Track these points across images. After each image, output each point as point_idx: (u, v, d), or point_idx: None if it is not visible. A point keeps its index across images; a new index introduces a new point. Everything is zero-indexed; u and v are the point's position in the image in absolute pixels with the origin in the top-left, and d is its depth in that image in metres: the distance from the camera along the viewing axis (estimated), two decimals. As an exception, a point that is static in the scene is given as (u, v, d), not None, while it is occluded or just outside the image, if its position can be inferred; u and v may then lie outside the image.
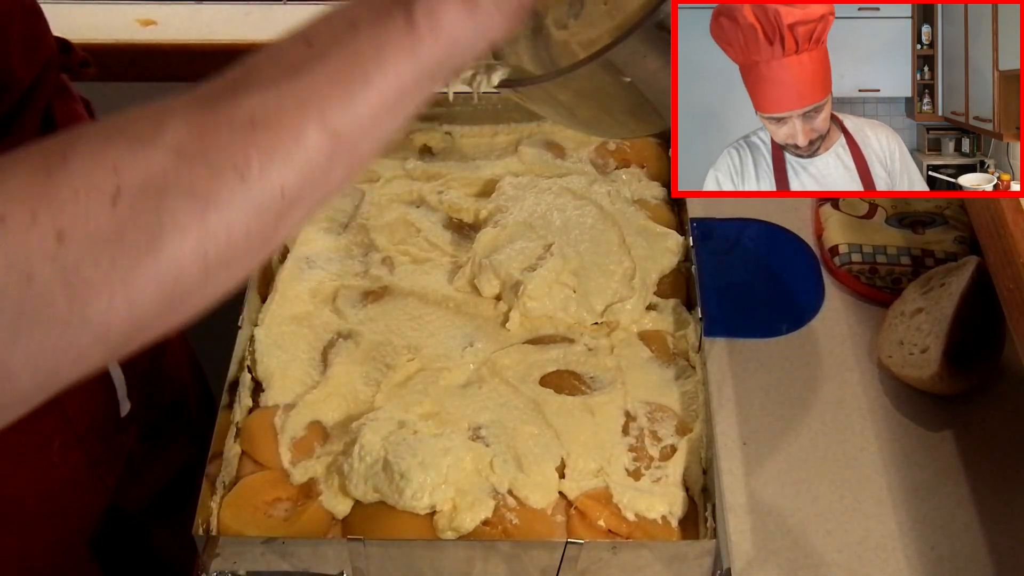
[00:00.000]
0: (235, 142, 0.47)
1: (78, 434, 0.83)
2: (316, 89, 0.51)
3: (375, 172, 1.00)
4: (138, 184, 0.44)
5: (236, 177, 0.47)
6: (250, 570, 0.71)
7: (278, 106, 0.49)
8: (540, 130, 1.05)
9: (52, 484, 0.83)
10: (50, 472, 0.82)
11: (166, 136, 0.46)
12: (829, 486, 0.87)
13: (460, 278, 0.89)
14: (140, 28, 1.28)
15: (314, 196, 0.52)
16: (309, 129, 0.50)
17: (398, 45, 0.52)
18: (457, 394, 0.81)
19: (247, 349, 0.84)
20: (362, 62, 0.52)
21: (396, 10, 0.53)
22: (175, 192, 0.45)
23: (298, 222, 0.52)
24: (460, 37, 0.54)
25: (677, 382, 0.83)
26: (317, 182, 0.51)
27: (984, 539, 0.83)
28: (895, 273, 1.00)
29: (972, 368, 0.90)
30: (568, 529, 0.75)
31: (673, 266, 0.92)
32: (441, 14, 0.53)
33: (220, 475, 0.76)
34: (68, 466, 0.84)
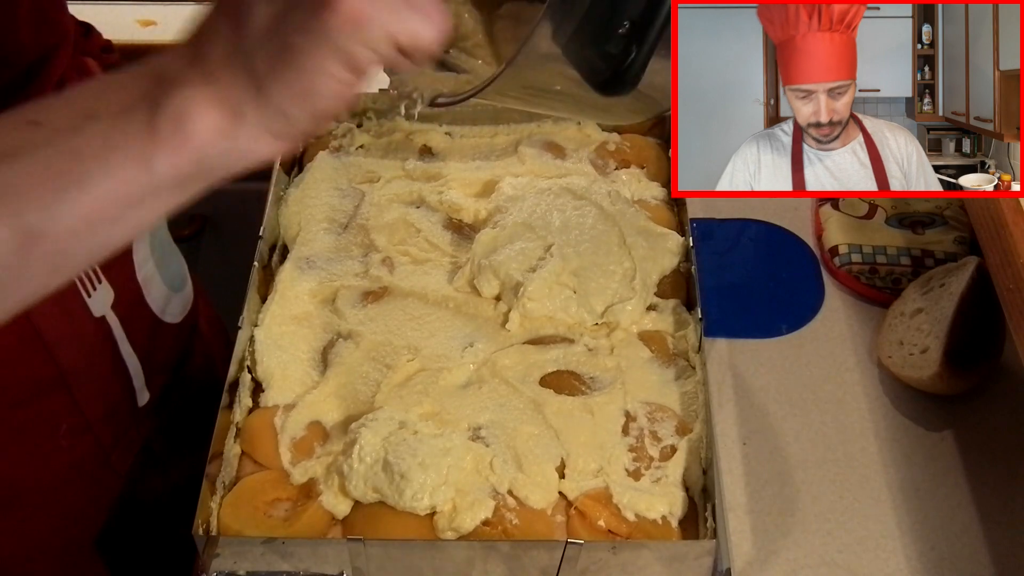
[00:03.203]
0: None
1: (87, 420, 0.83)
2: (22, 181, 0.45)
3: (375, 172, 1.00)
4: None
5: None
6: (250, 570, 0.71)
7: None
8: (540, 130, 1.05)
9: (59, 468, 0.83)
10: (57, 455, 0.83)
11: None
12: (829, 486, 0.87)
13: (460, 278, 0.89)
14: (140, 28, 1.28)
15: (4, 292, 0.47)
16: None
17: (129, 151, 0.45)
18: (457, 394, 0.81)
19: (247, 349, 0.84)
20: (84, 160, 0.45)
21: (139, 109, 0.45)
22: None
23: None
24: (211, 153, 0.46)
25: (677, 382, 0.83)
26: (5, 279, 0.47)
27: (984, 539, 0.83)
28: (895, 273, 1.00)
29: (972, 368, 0.91)
30: (568, 529, 0.75)
31: (673, 266, 0.92)
32: (191, 124, 0.45)
33: (220, 475, 0.76)
34: (76, 451, 0.84)
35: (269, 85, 0.45)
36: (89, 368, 0.81)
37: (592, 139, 1.04)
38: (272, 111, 0.45)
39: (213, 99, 0.45)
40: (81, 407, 0.82)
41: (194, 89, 0.45)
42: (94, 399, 0.83)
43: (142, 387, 0.89)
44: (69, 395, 0.80)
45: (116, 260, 0.79)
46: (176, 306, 0.94)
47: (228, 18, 0.45)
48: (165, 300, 0.92)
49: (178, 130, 0.45)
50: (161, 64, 0.47)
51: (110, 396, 0.86)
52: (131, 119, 0.46)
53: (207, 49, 0.45)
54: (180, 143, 0.45)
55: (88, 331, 0.81)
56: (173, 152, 0.46)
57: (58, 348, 0.77)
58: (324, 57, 0.43)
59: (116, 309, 0.82)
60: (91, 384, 0.82)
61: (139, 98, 0.46)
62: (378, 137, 1.05)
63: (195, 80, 0.45)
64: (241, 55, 0.45)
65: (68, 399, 0.80)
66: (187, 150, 0.46)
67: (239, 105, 0.45)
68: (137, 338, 0.86)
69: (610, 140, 1.04)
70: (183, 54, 0.46)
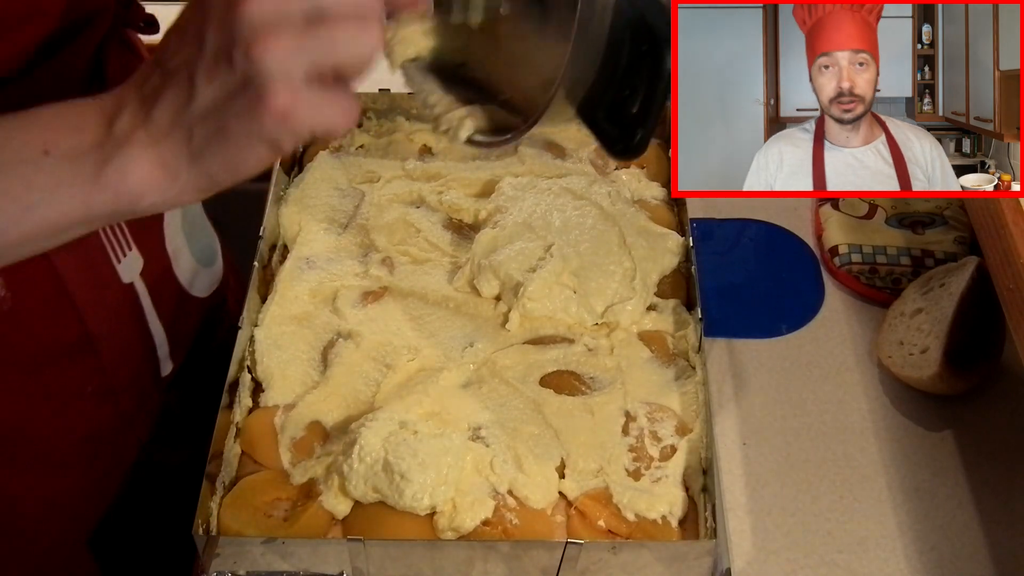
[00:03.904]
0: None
1: (112, 385, 0.85)
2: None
3: (375, 172, 1.00)
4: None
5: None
6: (250, 570, 0.71)
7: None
8: (540, 131, 1.05)
9: (83, 430, 0.86)
10: (81, 418, 0.85)
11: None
12: (829, 486, 0.87)
13: (460, 278, 0.89)
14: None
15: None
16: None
17: (76, 191, 0.55)
18: (457, 394, 0.81)
19: (247, 349, 0.84)
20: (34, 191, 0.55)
21: (90, 157, 0.54)
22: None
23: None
24: (144, 202, 0.55)
25: (677, 382, 0.83)
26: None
27: (984, 539, 0.83)
28: (895, 273, 1.00)
29: (972, 368, 0.91)
30: (568, 529, 0.75)
31: (673, 266, 0.92)
32: (133, 178, 0.54)
33: (220, 475, 0.76)
34: (100, 414, 0.86)
35: (204, 155, 0.54)
36: (116, 333, 0.84)
37: (592, 139, 1.04)
38: (202, 174, 0.55)
39: (155, 161, 0.54)
40: (107, 371, 0.84)
41: (140, 150, 0.54)
42: (119, 365, 0.85)
43: (166, 357, 0.91)
44: (95, 358, 0.83)
45: (147, 229, 0.84)
46: (204, 280, 0.97)
47: (179, 90, 0.53)
48: (193, 273, 0.94)
49: (121, 182, 0.54)
50: (116, 113, 0.55)
51: (134, 363, 0.88)
52: (82, 164, 0.54)
53: (157, 115, 0.54)
54: (120, 192, 0.55)
55: (116, 296, 0.83)
56: (113, 198, 0.55)
57: (87, 311, 0.79)
58: (254, 141, 0.53)
59: (144, 278, 0.85)
60: (117, 350, 0.84)
61: (92, 147, 0.54)
62: (378, 137, 1.05)
63: (143, 141, 0.54)
64: (184, 127, 0.53)
65: (94, 362, 0.83)
66: (125, 198, 0.55)
67: (176, 168, 0.54)
68: (163, 308, 0.88)
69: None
70: (136, 112, 0.54)
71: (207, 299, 0.98)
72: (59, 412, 0.83)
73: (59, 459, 0.85)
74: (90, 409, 0.85)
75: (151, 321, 0.87)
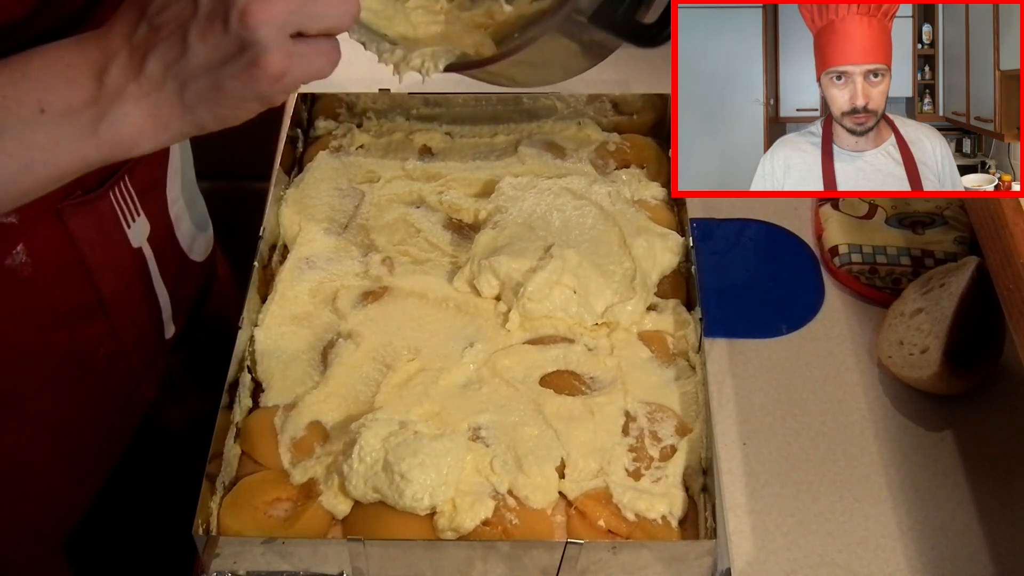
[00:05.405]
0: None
1: (123, 347, 0.89)
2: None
3: (375, 172, 1.00)
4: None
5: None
6: (250, 570, 0.71)
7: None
8: (540, 130, 1.05)
9: (95, 391, 0.90)
10: (94, 379, 0.89)
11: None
12: (829, 486, 0.87)
13: (460, 278, 0.89)
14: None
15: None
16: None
17: (73, 147, 0.57)
18: (457, 394, 0.81)
19: (247, 349, 0.84)
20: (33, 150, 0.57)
21: (85, 114, 0.56)
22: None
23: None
24: (136, 150, 0.58)
25: (677, 382, 0.83)
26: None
27: (984, 539, 0.83)
28: (895, 273, 1.00)
29: (972, 368, 0.91)
30: (568, 529, 0.75)
31: (673, 266, 0.92)
32: (126, 130, 0.57)
33: (220, 475, 0.76)
34: (111, 375, 0.90)
35: (196, 108, 0.57)
36: (125, 296, 0.87)
37: (592, 139, 1.04)
38: (193, 123, 0.58)
39: (147, 112, 0.56)
40: (117, 333, 0.88)
41: (134, 103, 0.56)
42: (129, 327, 0.89)
43: (169, 320, 0.95)
44: (107, 321, 0.86)
45: (152, 196, 0.87)
46: (201, 244, 1.00)
47: (171, 45, 0.55)
48: (192, 237, 0.97)
49: (116, 135, 0.57)
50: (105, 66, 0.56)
51: (142, 325, 0.92)
52: (78, 121, 0.56)
53: (149, 68, 0.56)
54: (115, 144, 0.57)
55: (126, 261, 0.86)
56: (108, 150, 0.58)
57: (99, 274, 0.83)
58: (249, 99, 0.56)
59: (151, 242, 0.88)
60: (126, 312, 0.88)
61: (86, 103, 0.56)
62: (378, 137, 1.05)
63: (135, 94, 0.56)
64: (177, 80, 0.56)
65: (106, 325, 0.86)
66: (119, 148, 0.58)
67: (168, 118, 0.57)
68: (167, 271, 0.92)
69: (610, 140, 1.04)
70: (126, 64, 0.56)
71: (203, 263, 1.02)
72: (74, 373, 0.86)
73: (73, 419, 0.89)
74: (103, 369, 0.88)
75: (157, 285, 0.91)
